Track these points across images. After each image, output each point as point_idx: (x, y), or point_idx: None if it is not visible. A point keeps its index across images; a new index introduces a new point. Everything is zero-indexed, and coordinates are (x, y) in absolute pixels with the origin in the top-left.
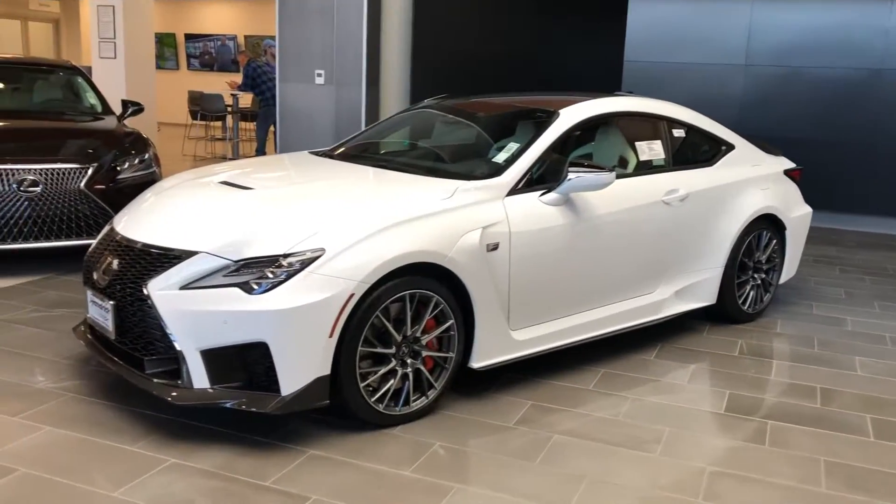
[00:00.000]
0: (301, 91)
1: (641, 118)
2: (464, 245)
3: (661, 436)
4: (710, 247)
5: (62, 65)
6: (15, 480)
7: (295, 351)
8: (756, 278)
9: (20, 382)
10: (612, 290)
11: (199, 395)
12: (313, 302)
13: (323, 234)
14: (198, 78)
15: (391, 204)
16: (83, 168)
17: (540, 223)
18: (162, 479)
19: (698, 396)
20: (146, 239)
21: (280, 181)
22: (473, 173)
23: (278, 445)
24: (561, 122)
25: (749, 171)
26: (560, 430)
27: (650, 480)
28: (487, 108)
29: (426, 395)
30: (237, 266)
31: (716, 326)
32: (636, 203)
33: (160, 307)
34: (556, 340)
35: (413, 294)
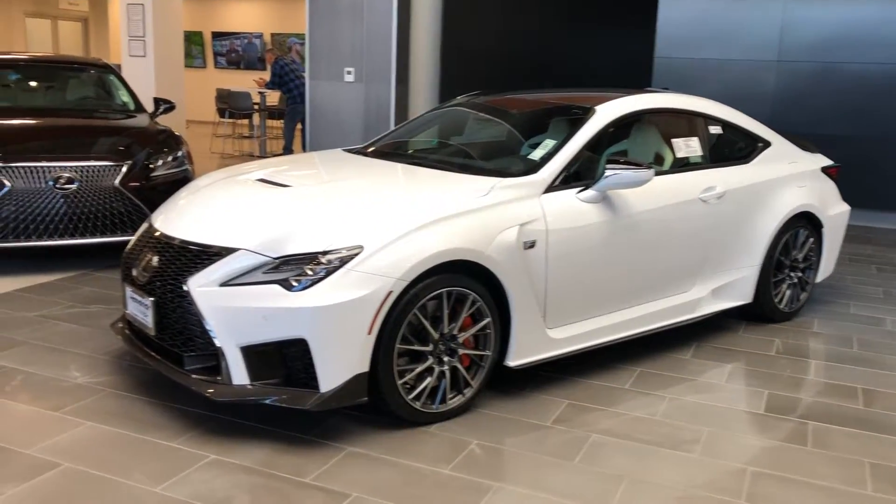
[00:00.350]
0: (330, 89)
1: (678, 115)
2: (501, 243)
3: (700, 436)
4: (746, 245)
5: (95, 63)
6: (59, 475)
7: (334, 348)
8: (793, 277)
9: (59, 378)
10: (648, 288)
11: (238, 391)
12: (352, 299)
13: (361, 231)
14: (225, 76)
15: (429, 201)
16: (118, 165)
17: (577, 221)
18: (203, 475)
19: (736, 396)
20: (186, 236)
21: (316, 179)
22: (509, 170)
23: (317, 442)
24: (598, 118)
25: (786, 169)
26: (598, 429)
27: (690, 480)
28: (521, 105)
29: (462, 393)
30: (276, 263)
31: (751, 325)
32: (673, 200)
33: (200, 304)
34: (592, 339)
35: (450, 291)
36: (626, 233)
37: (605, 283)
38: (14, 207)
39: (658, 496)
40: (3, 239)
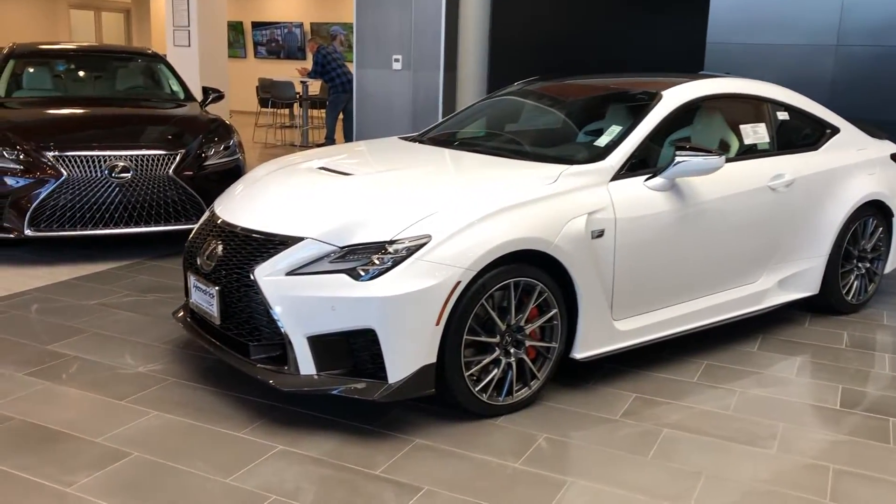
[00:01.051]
0: (378, 77)
1: (744, 100)
2: (569, 232)
3: (775, 431)
4: (814, 234)
5: (145, 52)
6: (130, 464)
7: (402, 338)
8: (860, 267)
9: (122, 367)
10: (715, 279)
11: (306, 381)
12: (421, 289)
13: (429, 220)
14: (265, 66)
15: (496, 189)
16: (171, 154)
17: (645, 209)
18: (272, 467)
19: (808, 390)
20: (250, 224)
21: (378, 167)
22: (574, 157)
23: (382, 433)
24: (665, 104)
25: (855, 156)
26: (668, 423)
27: (770, 478)
28: (582, 91)
29: (529, 386)
30: (343, 252)
31: (817, 317)
32: (742, 188)
33: (267, 293)
34: (659, 331)
35: (517, 282)
36: (694, 222)
37: (673, 274)
38: (70, 196)
39: (738, 494)
40: (59, 228)
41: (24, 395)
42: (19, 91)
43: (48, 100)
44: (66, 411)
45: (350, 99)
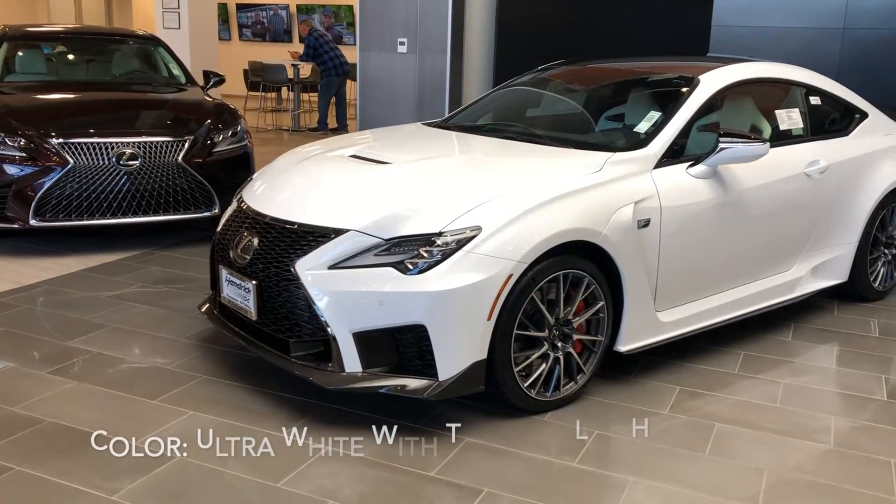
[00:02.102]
0: (382, 60)
1: (777, 84)
2: (617, 221)
3: (828, 424)
4: (846, 221)
5: (142, 35)
6: (175, 468)
7: (453, 334)
8: (887, 254)
9: (148, 363)
10: (753, 267)
11: (351, 379)
12: (472, 283)
13: (478, 211)
14: (251, 49)
15: (542, 178)
16: (180, 141)
17: (689, 197)
18: (322, 469)
19: (852, 381)
20: (288, 216)
21: (415, 155)
22: (616, 144)
23: (430, 431)
24: (702, 88)
25: (884, 141)
26: (719, 417)
27: (834, 474)
28: (611, 75)
29: (575, 381)
30: (388, 245)
31: (844, 305)
32: (780, 175)
33: (310, 288)
34: (699, 322)
35: (566, 274)
36: (735, 210)
37: (714, 263)
38: (77, 185)
39: (805, 491)
40: (66, 218)
41: (51, 394)
42: (12, 75)
43: (44, 84)
44: (97, 412)
45: (343, 83)
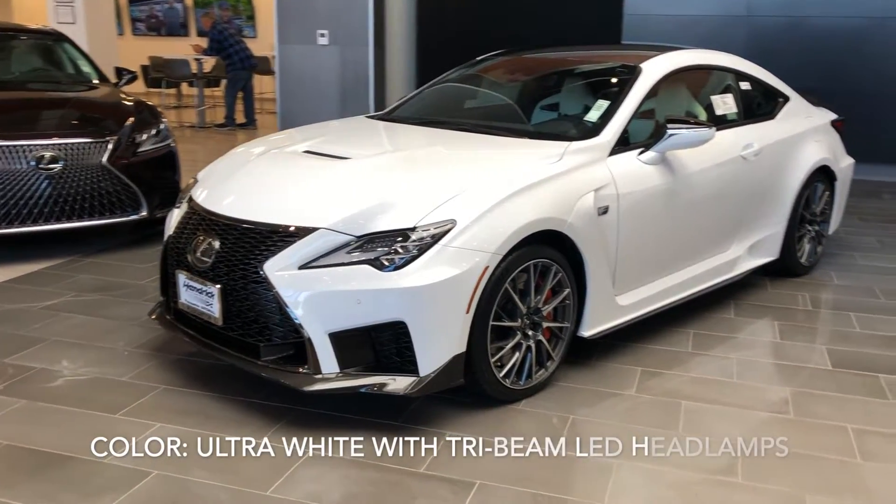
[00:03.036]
0: (303, 53)
1: (712, 71)
2: (580, 210)
3: (784, 396)
4: (777, 201)
5: (44, 31)
6: (155, 484)
7: (434, 329)
8: (811, 230)
9: (102, 376)
10: (699, 249)
11: (330, 380)
12: (451, 276)
13: (451, 204)
14: (146, 44)
15: (509, 170)
16: (103, 142)
17: (642, 183)
18: (309, 473)
19: (797, 353)
20: (250, 216)
21: (373, 149)
22: (569, 134)
23: (410, 428)
24: (646, 76)
25: (805, 123)
26: (683, 395)
27: (801, 442)
28: (554, 65)
29: (545, 368)
30: (360, 242)
31: (776, 281)
32: (721, 159)
33: (281, 289)
34: (653, 303)
35: (536, 263)
36: (683, 194)
37: (665, 247)
38: None
39: (779, 461)
40: None
41: (1, 416)
42: None
43: None
44: (57, 431)
45: (250, 77)
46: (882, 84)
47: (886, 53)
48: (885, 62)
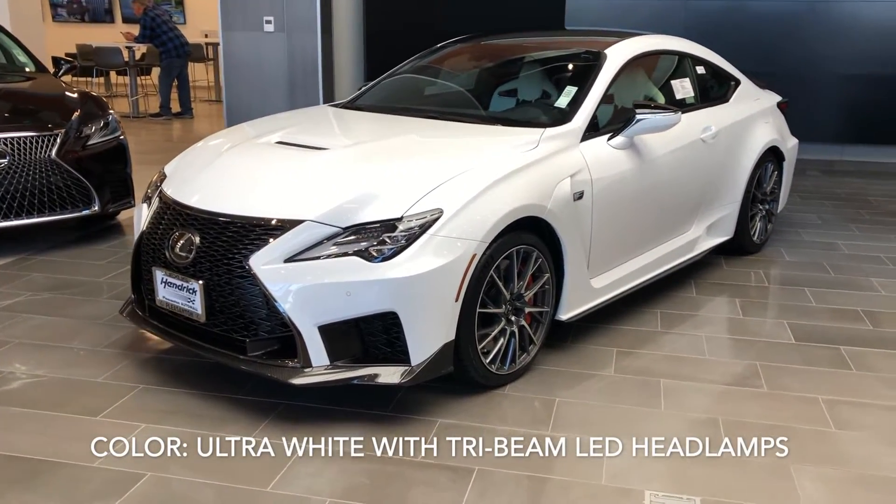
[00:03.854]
0: (248, 40)
1: (669, 56)
2: (558, 196)
3: (755, 370)
4: (732, 182)
5: None
6: (150, 487)
7: (424, 318)
8: (762, 209)
9: (75, 378)
10: (664, 230)
11: (320, 373)
12: (441, 266)
13: (437, 193)
14: (68, 30)
15: (488, 157)
16: (51, 135)
17: (613, 168)
18: (307, 468)
19: (760, 328)
20: (231, 210)
21: (348, 139)
22: (540, 120)
23: (401, 418)
24: (611, 62)
25: (755, 106)
26: (660, 373)
27: (777, 414)
28: (517, 51)
29: (528, 352)
30: (347, 233)
31: (729, 259)
32: (682, 142)
33: (268, 284)
34: (624, 285)
35: (519, 250)
36: (650, 177)
37: (633, 229)
38: None
39: (761, 432)
40: None
41: None
42: None
43: None
44: (38, 437)
45: (185, 64)
46: (817, 66)
47: (820, 36)
48: (819, 44)
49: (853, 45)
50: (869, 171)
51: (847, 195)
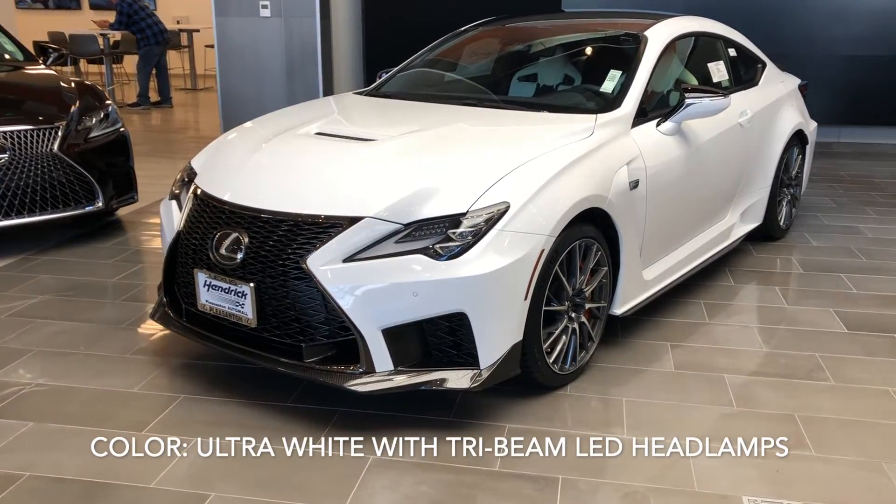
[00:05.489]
0: (243, 25)
1: (704, 38)
2: (616, 185)
3: (817, 362)
4: (763, 166)
5: None
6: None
7: (494, 319)
8: (788, 194)
9: (110, 389)
10: (706, 218)
11: (386, 379)
12: (511, 262)
13: (501, 185)
14: (33, 18)
15: (547, 147)
16: (52, 128)
17: (664, 155)
18: (381, 481)
19: (810, 318)
20: (285, 207)
21: (395, 129)
22: (587, 106)
23: (468, 423)
24: (652, 45)
25: (781, 89)
26: (721, 368)
27: (853, 409)
28: (552, 34)
29: (587, 350)
30: (408, 230)
31: (757, 246)
32: (724, 127)
33: (329, 285)
34: (671, 275)
35: (580, 243)
36: (695, 163)
37: (681, 217)
38: None
39: (837, 428)
40: None
41: (9, 442)
42: None
43: None
44: (81, 455)
45: (163, 52)
46: (809, 48)
47: (813, 18)
48: (812, 27)
49: (850, 27)
50: (867, 152)
51: (851, 177)
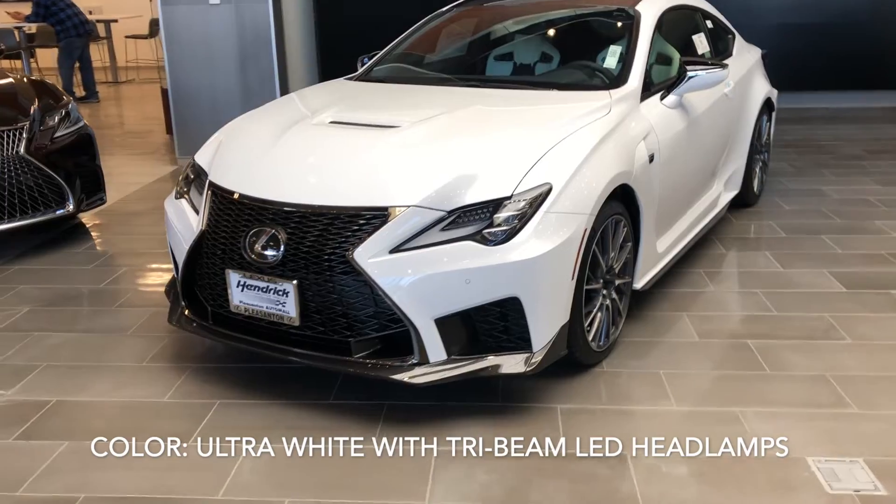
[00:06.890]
0: (191, 13)
1: (684, 11)
2: (638, 160)
3: (829, 322)
4: (741, 135)
5: None
6: None
7: (546, 301)
8: (760, 160)
9: (138, 400)
10: (700, 188)
11: (441, 369)
12: (560, 244)
13: (541, 167)
14: None
15: (574, 126)
16: (15, 129)
17: (671, 128)
18: (453, 472)
19: (807, 279)
20: (324, 200)
21: (412, 115)
22: (594, 83)
23: (518, 407)
24: (646, 19)
25: (750, 59)
26: (742, 334)
27: (878, 365)
28: (538, 11)
29: (616, 326)
30: (451, 217)
31: (733, 212)
32: (714, 98)
33: (379, 278)
34: (677, 246)
35: (612, 220)
36: (694, 134)
37: (685, 188)
38: None
39: (877, 385)
40: None
41: (50, 464)
42: None
43: None
44: (138, 472)
45: (86, 44)
46: (748, 17)
47: None
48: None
49: None
50: (804, 117)
51: (798, 142)
